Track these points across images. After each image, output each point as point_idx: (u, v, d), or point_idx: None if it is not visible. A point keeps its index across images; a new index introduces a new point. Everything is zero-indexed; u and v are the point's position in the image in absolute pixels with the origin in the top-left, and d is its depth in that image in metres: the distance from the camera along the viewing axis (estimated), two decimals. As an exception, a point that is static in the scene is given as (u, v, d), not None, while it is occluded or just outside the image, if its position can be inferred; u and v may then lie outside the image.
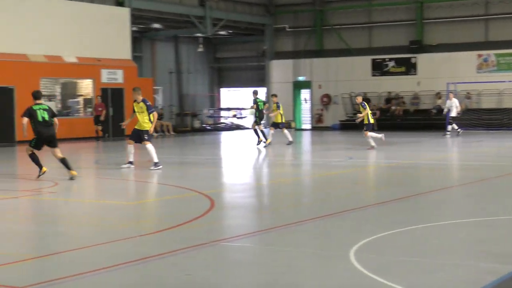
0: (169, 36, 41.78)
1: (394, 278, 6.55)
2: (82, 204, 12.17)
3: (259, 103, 25.97)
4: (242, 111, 44.50)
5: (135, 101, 17.72)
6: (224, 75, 46.69)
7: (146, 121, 17.39)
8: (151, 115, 17.42)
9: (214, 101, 46.16)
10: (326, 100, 40.35)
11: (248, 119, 44.77)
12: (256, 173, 17.49)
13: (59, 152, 15.18)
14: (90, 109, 32.20)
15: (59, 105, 31.98)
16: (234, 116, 44.14)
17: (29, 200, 12.58)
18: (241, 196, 12.87)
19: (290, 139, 25.48)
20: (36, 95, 15.45)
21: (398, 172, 16.71)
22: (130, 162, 17.49)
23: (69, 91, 33.06)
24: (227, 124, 43.19)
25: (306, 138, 33.36)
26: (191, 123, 41.28)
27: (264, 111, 26.39)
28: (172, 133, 35.41)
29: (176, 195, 12.89)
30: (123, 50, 33.27)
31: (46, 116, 15.08)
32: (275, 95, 27.15)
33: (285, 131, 25.89)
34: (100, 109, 31.09)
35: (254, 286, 6.40)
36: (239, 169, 18.50)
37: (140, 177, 16.30)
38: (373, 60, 39.02)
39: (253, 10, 41.38)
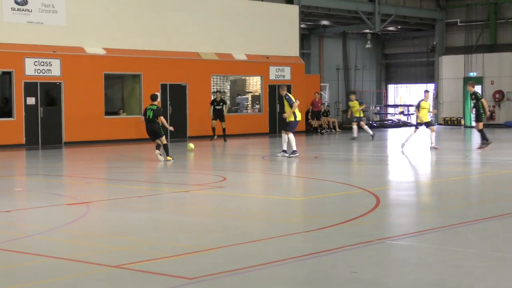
0: (337, 32, 41.84)
1: None
2: (250, 199, 12.47)
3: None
4: (410, 108, 43.78)
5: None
6: (392, 71, 46.16)
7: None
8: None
9: (381, 97, 45.76)
10: (499, 97, 38.98)
11: (414, 116, 43.93)
12: (423, 171, 17.17)
13: (164, 140, 19.36)
14: (257, 106, 32.90)
15: (228, 102, 32.89)
16: (401, 113, 43.50)
17: (200, 194, 13.04)
18: (407, 194, 12.69)
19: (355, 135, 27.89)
20: (152, 97, 19.67)
21: None
22: (284, 151, 19.78)
23: (238, 88, 33.90)
24: (394, 121, 42.63)
25: (477, 135, 32.29)
26: (357, 120, 41.08)
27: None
28: (338, 129, 35.44)
29: (341, 192, 12.92)
30: (292, 47, 33.67)
31: (151, 115, 19.15)
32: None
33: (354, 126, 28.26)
34: (320, 104, 33.95)
35: (420, 286, 6.32)
36: (405, 166, 18.25)
37: (304, 173, 16.47)
38: (551, 54, 37.28)
39: (423, 5, 40.59)
